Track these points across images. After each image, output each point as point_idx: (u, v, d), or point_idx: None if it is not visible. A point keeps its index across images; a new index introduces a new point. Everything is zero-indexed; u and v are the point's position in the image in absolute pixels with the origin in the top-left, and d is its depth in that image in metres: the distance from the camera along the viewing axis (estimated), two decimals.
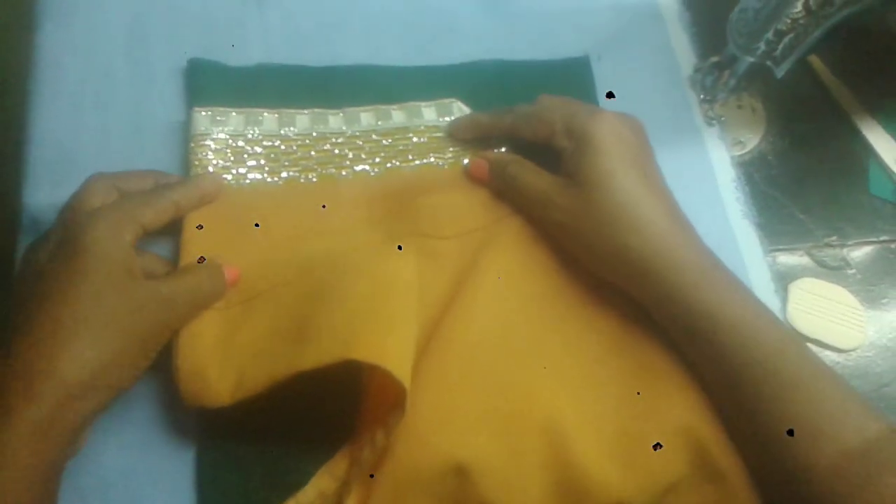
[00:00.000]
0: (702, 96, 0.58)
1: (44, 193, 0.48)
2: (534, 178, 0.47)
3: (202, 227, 0.45)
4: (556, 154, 0.47)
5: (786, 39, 0.49)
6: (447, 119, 0.52)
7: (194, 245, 0.44)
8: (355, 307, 0.41)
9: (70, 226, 0.39)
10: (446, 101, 0.53)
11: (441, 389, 0.42)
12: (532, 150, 0.49)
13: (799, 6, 0.47)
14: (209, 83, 0.51)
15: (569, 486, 0.42)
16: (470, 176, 0.50)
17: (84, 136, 0.50)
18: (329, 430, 0.43)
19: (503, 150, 0.51)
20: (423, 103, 0.53)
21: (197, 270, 0.43)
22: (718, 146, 0.57)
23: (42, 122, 0.50)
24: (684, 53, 0.60)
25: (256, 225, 0.47)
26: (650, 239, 0.43)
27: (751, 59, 0.52)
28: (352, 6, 0.57)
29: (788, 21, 0.48)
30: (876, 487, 0.38)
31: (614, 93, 0.56)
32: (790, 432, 0.40)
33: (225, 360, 0.42)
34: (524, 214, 0.49)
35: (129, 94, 0.52)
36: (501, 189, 0.49)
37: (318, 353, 0.39)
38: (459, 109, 0.53)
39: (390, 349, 0.39)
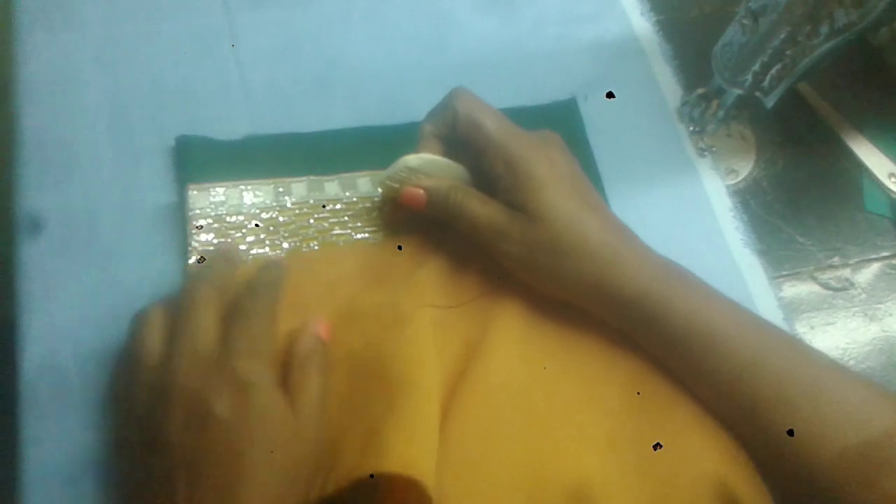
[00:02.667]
0: (691, 128, 0.58)
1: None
2: (481, 207, 0.46)
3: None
4: (484, 171, 0.47)
5: (773, 71, 0.49)
6: None
7: None
8: (375, 415, 0.41)
9: (234, 378, 0.39)
10: None
11: (463, 466, 0.41)
12: None
13: (784, 37, 0.47)
14: (199, 159, 0.50)
15: None
16: (405, 203, 0.48)
17: (73, 223, 0.49)
18: None
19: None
20: None
21: (313, 370, 0.43)
22: (712, 176, 0.57)
23: (28, 211, 0.49)
24: (669, 86, 0.60)
25: None
26: (602, 261, 0.44)
27: (738, 92, 0.52)
28: (334, 68, 0.57)
29: (774, 53, 0.48)
30: (874, 489, 0.39)
31: (604, 131, 0.56)
32: (790, 432, 0.41)
33: None
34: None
35: (116, 177, 0.51)
36: (443, 218, 0.47)
37: (341, 477, 0.39)
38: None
39: (402, 451, 0.39)
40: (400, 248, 0.48)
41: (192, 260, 0.47)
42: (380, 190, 0.50)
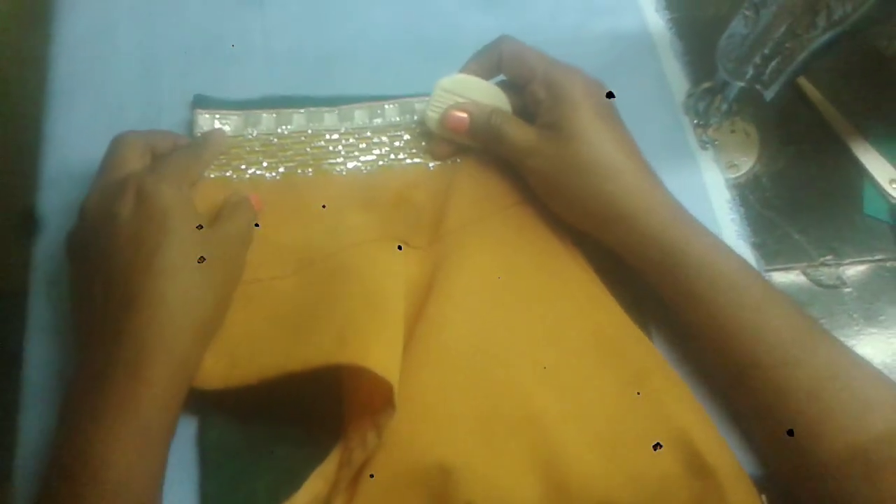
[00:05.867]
0: (695, 121, 0.59)
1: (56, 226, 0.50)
2: (516, 128, 0.50)
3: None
4: (527, 101, 0.51)
5: (773, 63, 0.50)
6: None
7: None
8: (346, 310, 0.43)
9: (141, 188, 0.42)
10: None
11: (421, 390, 0.42)
12: None
13: (784, 30, 0.48)
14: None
15: (554, 484, 0.42)
16: (448, 128, 0.51)
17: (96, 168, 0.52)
18: (326, 428, 0.43)
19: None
20: (415, 99, 0.54)
21: (239, 207, 0.47)
22: (713, 169, 0.58)
23: (54, 156, 0.52)
24: (677, 80, 0.61)
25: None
26: (624, 186, 0.47)
27: (740, 84, 0.53)
28: (357, 38, 0.60)
29: (774, 45, 0.49)
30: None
31: None
32: (790, 432, 0.42)
33: (219, 344, 0.43)
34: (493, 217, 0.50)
35: (140, 126, 0.53)
36: (483, 140, 0.51)
37: (308, 356, 0.41)
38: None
39: (376, 351, 0.41)
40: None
41: None
42: (425, 120, 0.52)
